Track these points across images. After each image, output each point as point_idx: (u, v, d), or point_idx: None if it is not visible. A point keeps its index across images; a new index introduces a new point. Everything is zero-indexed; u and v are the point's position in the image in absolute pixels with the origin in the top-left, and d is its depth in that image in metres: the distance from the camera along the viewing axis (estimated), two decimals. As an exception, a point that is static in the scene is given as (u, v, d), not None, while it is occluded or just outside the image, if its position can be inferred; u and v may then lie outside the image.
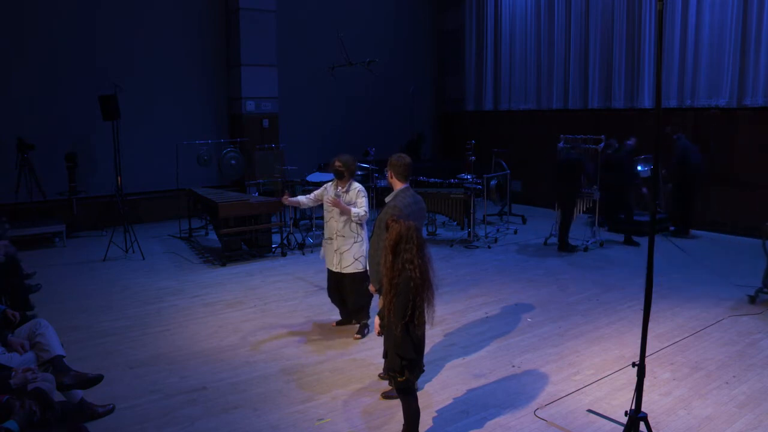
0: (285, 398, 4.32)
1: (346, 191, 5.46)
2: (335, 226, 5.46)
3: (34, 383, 3.29)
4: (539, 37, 12.36)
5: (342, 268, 5.44)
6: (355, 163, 5.58)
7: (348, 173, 5.46)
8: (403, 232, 3.42)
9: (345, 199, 5.42)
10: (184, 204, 9.84)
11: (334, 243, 5.48)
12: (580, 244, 8.68)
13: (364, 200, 5.42)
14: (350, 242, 5.41)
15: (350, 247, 5.41)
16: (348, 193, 5.45)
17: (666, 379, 4.57)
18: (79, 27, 10.10)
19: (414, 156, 13.00)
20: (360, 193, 5.42)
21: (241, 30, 11.22)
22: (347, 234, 5.41)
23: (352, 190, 5.45)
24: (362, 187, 5.49)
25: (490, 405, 4.18)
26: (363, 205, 5.39)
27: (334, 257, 5.48)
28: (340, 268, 5.45)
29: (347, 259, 5.42)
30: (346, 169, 5.44)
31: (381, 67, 10.17)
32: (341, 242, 5.42)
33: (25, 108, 9.70)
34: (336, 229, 5.45)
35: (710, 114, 9.67)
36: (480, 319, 5.93)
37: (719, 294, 6.56)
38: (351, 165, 5.47)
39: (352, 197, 5.42)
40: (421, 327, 3.46)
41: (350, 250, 5.41)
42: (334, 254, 5.47)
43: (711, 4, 9.57)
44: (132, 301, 6.55)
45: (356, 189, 5.45)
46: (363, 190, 5.47)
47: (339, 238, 5.44)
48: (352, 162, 5.50)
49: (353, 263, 5.42)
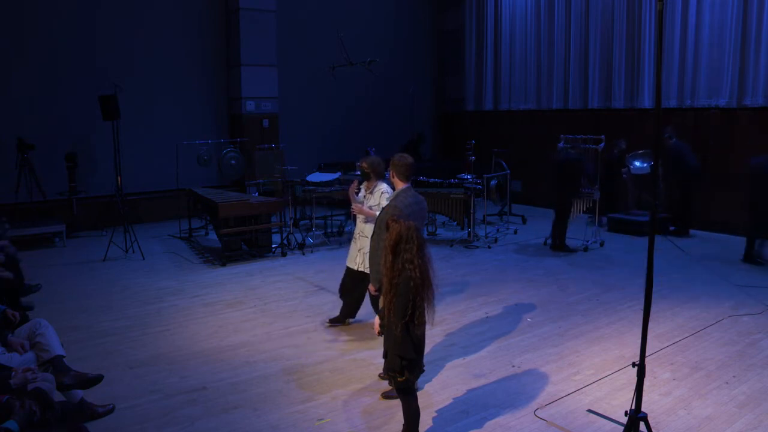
0: (285, 398, 4.32)
1: (371, 192, 5.46)
2: (360, 226, 5.50)
3: (34, 383, 3.29)
4: (539, 37, 12.36)
5: (358, 265, 5.46)
6: (383, 164, 5.49)
7: (374, 174, 5.44)
8: (403, 232, 3.42)
9: (369, 201, 5.42)
10: (184, 204, 9.84)
11: (358, 242, 5.50)
12: (580, 245, 8.68)
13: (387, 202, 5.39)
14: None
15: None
16: (372, 194, 5.45)
17: (666, 379, 4.57)
18: (79, 27, 10.10)
19: (414, 156, 12.99)
20: (384, 195, 5.36)
21: (241, 30, 11.22)
22: (369, 234, 5.35)
23: (376, 192, 5.43)
24: (387, 188, 5.39)
25: (490, 405, 4.18)
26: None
27: (357, 256, 5.49)
28: (363, 267, 5.40)
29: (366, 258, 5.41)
30: (371, 170, 5.42)
31: (381, 67, 10.17)
32: (364, 242, 5.41)
33: (25, 108, 9.70)
34: (360, 229, 5.49)
35: (710, 114, 9.68)
36: (480, 319, 5.93)
37: (719, 294, 6.56)
38: (377, 166, 5.44)
39: (377, 199, 5.40)
40: (421, 327, 3.46)
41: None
42: (358, 253, 5.49)
43: (711, 4, 9.57)
44: (132, 301, 6.55)
45: (380, 191, 5.41)
46: (387, 191, 5.35)
47: (362, 238, 5.45)
48: (378, 163, 5.45)
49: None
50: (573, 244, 8.65)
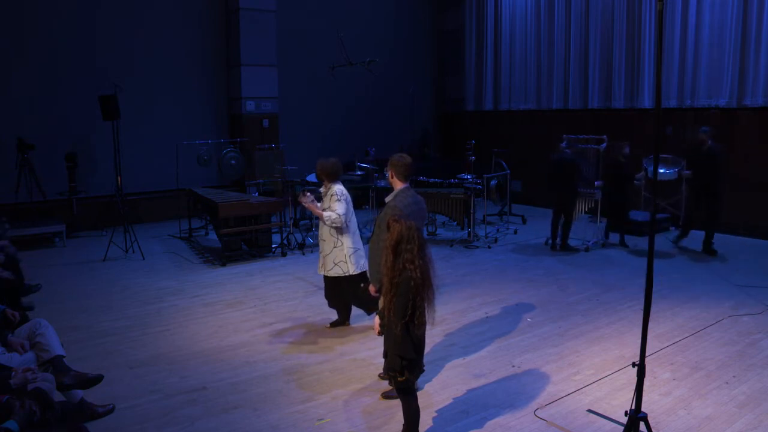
0: (285, 398, 4.32)
1: (325, 194, 5.52)
2: (320, 230, 5.56)
3: (34, 383, 3.29)
4: (539, 37, 12.36)
5: (326, 271, 5.52)
6: (336, 166, 5.49)
7: (325, 176, 5.48)
8: (405, 232, 3.42)
9: (324, 202, 5.47)
10: (184, 204, 9.84)
11: (320, 246, 5.58)
12: (580, 244, 8.68)
13: (337, 204, 5.34)
14: (330, 246, 5.45)
15: (330, 252, 5.45)
16: (326, 195, 5.50)
17: (666, 379, 4.57)
18: (79, 27, 10.10)
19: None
20: (334, 197, 5.38)
21: (241, 30, 11.22)
22: (327, 238, 5.47)
23: (328, 194, 5.48)
24: (340, 191, 5.41)
25: (490, 405, 4.18)
26: (336, 209, 5.33)
27: (320, 260, 5.60)
28: (324, 271, 5.54)
29: (329, 263, 5.48)
30: (322, 172, 5.49)
31: (381, 67, 10.18)
32: (323, 246, 5.52)
33: (25, 108, 9.70)
34: (319, 233, 5.57)
35: (710, 114, 9.67)
36: (480, 319, 5.93)
37: (719, 294, 6.56)
38: (327, 168, 5.46)
39: (327, 201, 5.46)
40: (421, 327, 3.46)
41: (330, 255, 5.45)
42: (320, 257, 5.59)
43: (711, 4, 9.57)
44: (132, 301, 6.55)
45: (332, 192, 5.45)
46: (339, 194, 5.37)
47: (321, 242, 5.55)
48: (331, 165, 5.46)
49: (333, 268, 5.45)
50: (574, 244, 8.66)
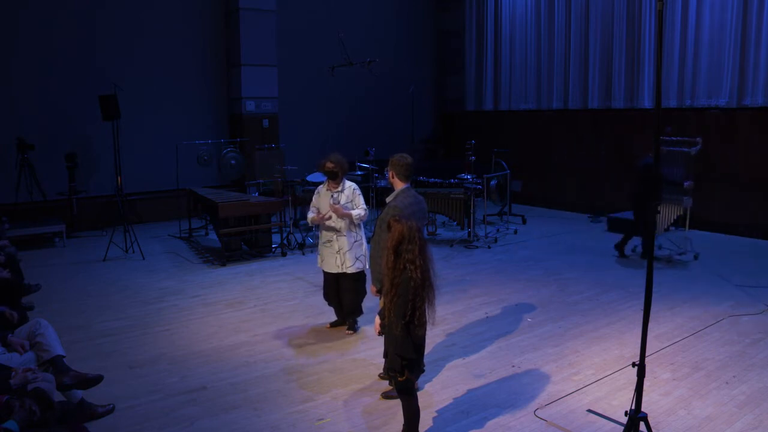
0: (285, 398, 4.32)
1: (341, 191, 5.42)
2: (336, 226, 5.43)
3: (34, 383, 3.29)
4: (539, 37, 12.35)
5: (345, 268, 5.41)
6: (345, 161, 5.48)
7: (342, 172, 5.40)
8: (406, 232, 3.42)
9: (341, 200, 5.39)
10: (184, 204, 9.85)
11: (335, 244, 5.44)
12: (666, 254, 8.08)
13: (361, 198, 5.40)
14: (351, 242, 5.41)
15: (351, 247, 5.40)
16: (343, 193, 5.41)
17: (666, 379, 4.57)
18: (79, 27, 10.09)
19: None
20: (356, 191, 5.40)
21: (241, 30, 11.21)
22: (346, 234, 5.40)
23: (347, 190, 5.41)
24: (356, 186, 5.45)
25: (490, 405, 4.18)
26: (361, 204, 5.37)
27: (336, 258, 5.44)
28: (343, 268, 5.41)
29: (350, 259, 5.40)
30: (339, 168, 5.37)
31: (381, 67, 10.17)
32: (343, 242, 5.40)
33: (25, 108, 9.70)
34: (336, 230, 5.43)
35: (710, 114, 9.67)
36: (480, 319, 5.93)
37: (719, 294, 6.56)
38: (344, 164, 5.42)
39: (349, 197, 5.39)
40: (421, 327, 3.46)
41: (351, 251, 5.40)
42: (336, 255, 5.44)
43: (711, 4, 9.57)
44: (132, 301, 6.55)
45: (351, 188, 5.41)
46: (358, 188, 5.44)
47: (340, 238, 5.42)
48: (344, 161, 5.44)
49: (355, 263, 5.41)
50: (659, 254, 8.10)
